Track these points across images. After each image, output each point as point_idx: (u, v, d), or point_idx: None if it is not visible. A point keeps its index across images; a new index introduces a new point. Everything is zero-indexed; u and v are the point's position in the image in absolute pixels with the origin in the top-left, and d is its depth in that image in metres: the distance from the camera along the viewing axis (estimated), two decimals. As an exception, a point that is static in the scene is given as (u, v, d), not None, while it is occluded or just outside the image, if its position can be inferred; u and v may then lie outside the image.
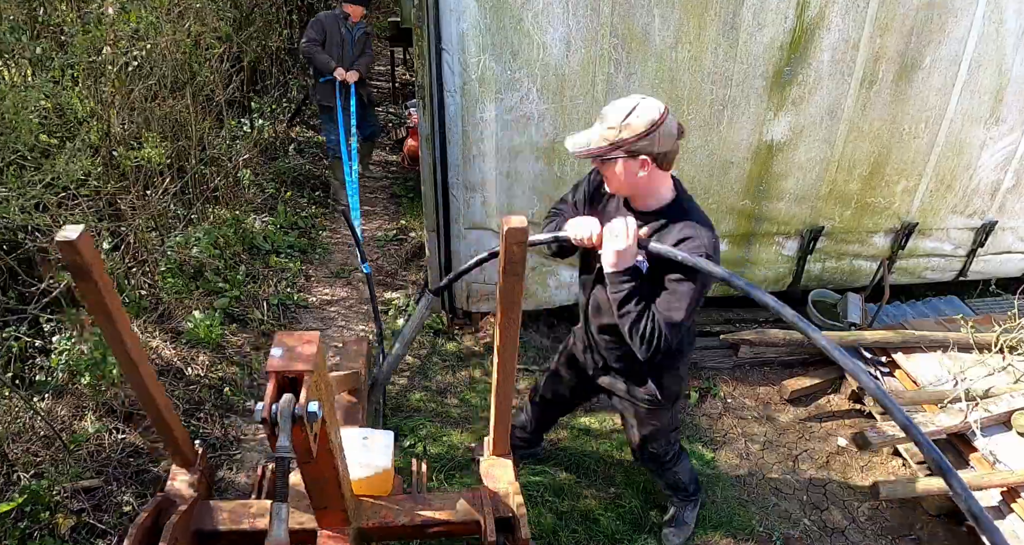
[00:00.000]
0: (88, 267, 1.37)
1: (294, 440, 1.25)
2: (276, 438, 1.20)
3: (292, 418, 1.20)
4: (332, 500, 1.64)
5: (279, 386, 1.25)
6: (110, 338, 1.54)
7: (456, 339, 3.88)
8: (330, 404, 1.44)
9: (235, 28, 5.00)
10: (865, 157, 3.62)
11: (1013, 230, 4.16)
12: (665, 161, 1.90)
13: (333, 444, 1.47)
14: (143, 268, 3.52)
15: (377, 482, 1.95)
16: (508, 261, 1.52)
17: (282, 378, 1.26)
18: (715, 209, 3.61)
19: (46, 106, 2.84)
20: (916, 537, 2.92)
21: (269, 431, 1.21)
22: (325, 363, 1.40)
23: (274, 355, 1.27)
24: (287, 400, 1.21)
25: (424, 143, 3.26)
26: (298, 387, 1.25)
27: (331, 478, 1.55)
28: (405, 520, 1.84)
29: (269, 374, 1.25)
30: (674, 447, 2.63)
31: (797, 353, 3.82)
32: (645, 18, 3.02)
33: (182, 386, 3.24)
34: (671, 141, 1.86)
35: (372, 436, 2.00)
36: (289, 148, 5.89)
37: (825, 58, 3.25)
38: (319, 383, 1.31)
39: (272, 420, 1.20)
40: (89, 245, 1.36)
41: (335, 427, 1.50)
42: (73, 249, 1.33)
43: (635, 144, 1.83)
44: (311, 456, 1.33)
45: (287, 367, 1.25)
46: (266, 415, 1.20)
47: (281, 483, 1.23)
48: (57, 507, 2.54)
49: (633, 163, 1.86)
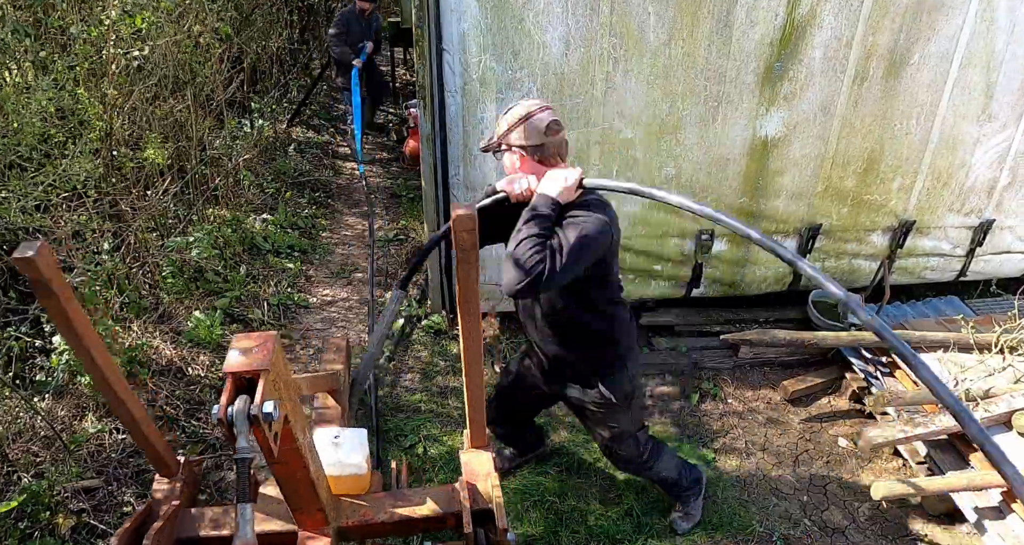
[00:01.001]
0: (47, 282, 1.36)
1: (258, 441, 1.25)
2: (235, 439, 1.20)
3: (248, 419, 1.20)
4: (307, 501, 1.64)
5: (236, 387, 1.26)
6: (76, 352, 1.53)
7: (457, 339, 3.88)
8: (294, 403, 1.44)
9: (235, 29, 5.00)
10: (859, 153, 3.63)
11: (1011, 229, 4.16)
12: (539, 154, 2.06)
13: (300, 444, 1.46)
14: (144, 268, 3.52)
15: (353, 481, 1.94)
16: (460, 249, 1.53)
17: (239, 379, 1.26)
18: (713, 207, 3.59)
19: (49, 109, 2.85)
20: (916, 537, 2.92)
21: (227, 432, 1.21)
22: (284, 363, 1.40)
23: (231, 356, 1.27)
24: (242, 401, 1.21)
25: (425, 143, 3.26)
26: (255, 387, 1.25)
27: (302, 478, 1.55)
28: (385, 517, 1.84)
29: (226, 375, 1.26)
30: (645, 446, 2.60)
31: (797, 353, 3.82)
32: (641, 15, 3.03)
33: (183, 386, 3.24)
34: (538, 135, 2.04)
35: (344, 435, 1.97)
36: (289, 148, 5.89)
37: (817, 55, 3.27)
38: (277, 382, 1.31)
39: (228, 421, 1.20)
40: (48, 261, 1.34)
41: (302, 427, 1.49)
42: (31, 265, 1.32)
43: (507, 137, 2.07)
44: (273, 456, 1.33)
45: (243, 367, 1.26)
46: (222, 416, 1.20)
47: (243, 484, 1.24)
48: (57, 507, 2.54)
49: (511, 155, 2.10)
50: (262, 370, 1.25)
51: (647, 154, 3.40)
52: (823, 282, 1.51)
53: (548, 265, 1.88)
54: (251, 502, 1.26)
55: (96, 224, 3.18)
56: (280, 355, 1.34)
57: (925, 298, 4.24)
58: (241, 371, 1.26)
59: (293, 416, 1.41)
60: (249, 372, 1.25)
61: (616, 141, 3.34)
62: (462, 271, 1.59)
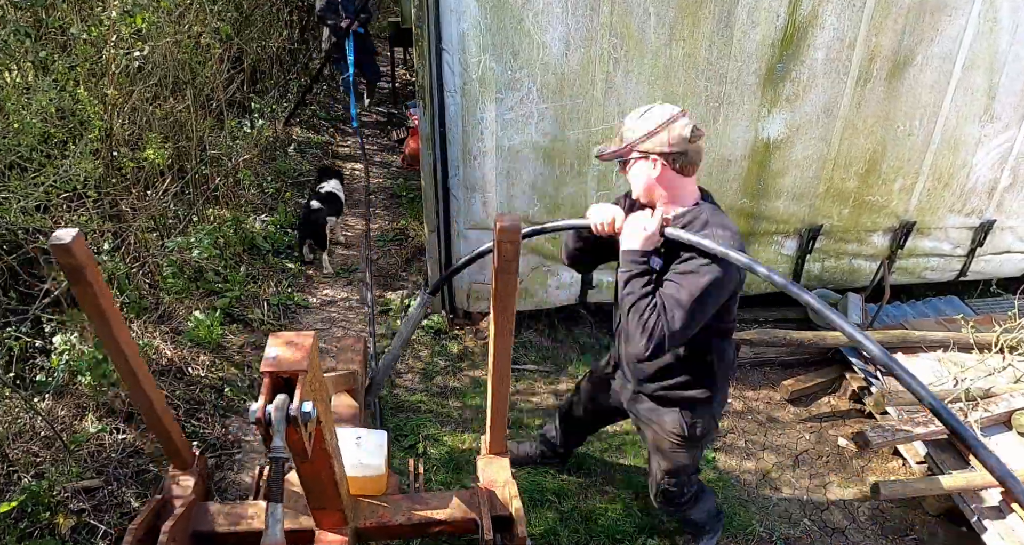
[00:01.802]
0: (82, 269, 1.37)
1: (289, 440, 1.25)
2: (271, 439, 1.20)
3: (287, 419, 1.20)
4: (329, 500, 1.65)
5: (273, 386, 1.25)
6: (106, 340, 1.54)
7: (457, 339, 3.88)
8: (325, 404, 1.44)
9: (236, 29, 5.00)
10: (861, 154, 3.63)
11: (1012, 229, 4.16)
12: (681, 162, 1.88)
13: (329, 444, 1.47)
14: (144, 268, 3.52)
15: (371, 482, 1.95)
16: (501, 259, 1.53)
17: (276, 378, 1.26)
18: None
19: (49, 110, 2.85)
20: (916, 537, 2.92)
21: (264, 432, 1.21)
22: (319, 363, 1.40)
23: (268, 355, 1.27)
24: (281, 401, 1.21)
25: (424, 143, 3.26)
26: (292, 387, 1.24)
27: (327, 478, 1.55)
28: (403, 519, 1.84)
29: (263, 374, 1.25)
30: (691, 488, 2.50)
31: (797, 353, 3.82)
32: (641, 16, 3.03)
33: (182, 386, 3.24)
34: (683, 142, 1.86)
35: (366, 436, 2.00)
36: (289, 148, 5.89)
37: (819, 56, 3.27)
38: (314, 383, 1.31)
39: (267, 421, 1.20)
40: (83, 248, 1.36)
41: (331, 427, 1.50)
42: (67, 252, 1.33)
43: (645, 143, 1.87)
44: (307, 456, 1.33)
45: (281, 367, 1.25)
46: (260, 416, 1.20)
47: (276, 484, 1.23)
48: (57, 507, 2.54)
49: (646, 163, 1.90)
50: (301, 371, 1.25)
51: (647, 154, 3.39)
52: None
53: (666, 326, 1.80)
54: (281, 502, 1.25)
55: (96, 224, 3.18)
56: (316, 356, 1.34)
57: (925, 298, 4.24)
58: (280, 371, 1.25)
59: (324, 417, 1.41)
60: (287, 372, 1.25)
61: (616, 141, 3.34)
62: (501, 282, 1.58)
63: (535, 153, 3.29)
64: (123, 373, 1.63)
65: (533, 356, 3.80)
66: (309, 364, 1.27)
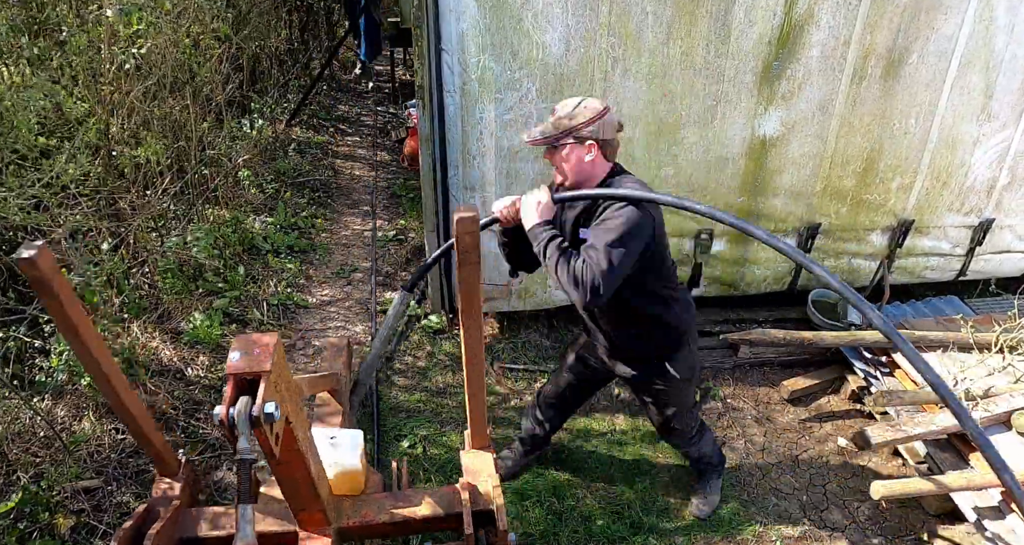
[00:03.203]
0: (49, 282, 1.37)
1: (259, 442, 1.25)
2: (236, 440, 1.20)
3: (250, 420, 1.20)
4: (308, 501, 1.65)
5: (238, 388, 1.26)
6: (77, 351, 1.54)
7: (455, 339, 3.88)
8: (295, 404, 1.44)
9: (234, 28, 5.00)
10: (858, 153, 3.63)
11: (1011, 228, 4.16)
12: (608, 148, 2.14)
13: (301, 444, 1.47)
14: (143, 268, 3.52)
15: (348, 481, 1.95)
16: (461, 250, 1.55)
17: (240, 380, 1.26)
18: (712, 206, 3.60)
19: (45, 106, 2.84)
20: (916, 537, 2.92)
21: (228, 434, 1.22)
22: (285, 364, 1.40)
23: (232, 357, 1.28)
24: (244, 402, 1.22)
25: (424, 143, 3.26)
26: (257, 388, 1.25)
27: (303, 479, 1.55)
28: (385, 518, 1.84)
29: (227, 376, 1.26)
30: (697, 420, 2.74)
31: (797, 353, 3.81)
32: (639, 15, 3.03)
33: (182, 386, 3.24)
34: (612, 130, 2.12)
35: (340, 435, 2.01)
36: (289, 148, 5.89)
37: (815, 54, 3.27)
38: (278, 383, 1.31)
39: (230, 422, 1.20)
40: (49, 261, 1.36)
41: (303, 428, 1.50)
42: (33, 266, 1.33)
43: (583, 130, 2.08)
44: (275, 457, 1.34)
45: (245, 369, 1.26)
46: (223, 417, 1.20)
47: (244, 485, 1.24)
48: (57, 507, 2.54)
49: (581, 148, 2.10)
50: (263, 371, 1.25)
51: (646, 153, 3.39)
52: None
53: (595, 271, 1.95)
54: (252, 503, 1.26)
55: (95, 223, 3.18)
56: (281, 356, 1.35)
57: (925, 298, 4.23)
58: (242, 372, 1.26)
59: (294, 417, 1.41)
60: (250, 373, 1.26)
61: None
62: (464, 272, 1.60)
63: (534, 153, 3.28)
64: (99, 384, 1.63)
65: (532, 356, 3.80)
66: (272, 365, 1.27)
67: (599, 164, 2.14)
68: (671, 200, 1.95)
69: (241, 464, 1.22)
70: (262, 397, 1.23)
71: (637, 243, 2.04)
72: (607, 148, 2.13)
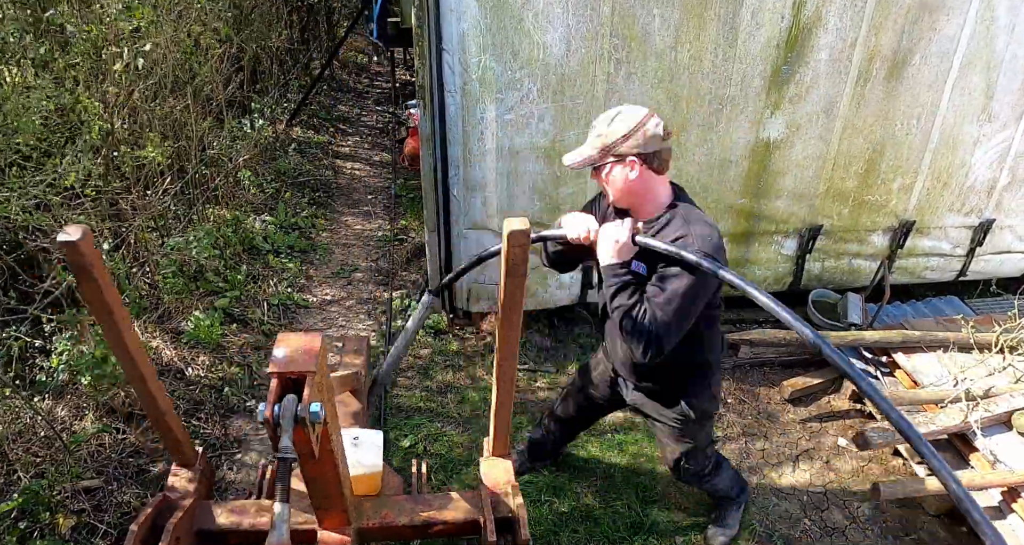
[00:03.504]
0: (89, 267, 1.38)
1: (296, 441, 1.25)
2: (278, 439, 1.20)
3: (295, 419, 1.20)
4: (333, 500, 1.65)
5: (281, 387, 1.26)
6: (111, 338, 1.55)
7: (457, 339, 3.88)
8: (331, 405, 1.45)
9: (235, 28, 5.00)
10: (860, 154, 3.63)
11: (1011, 229, 4.16)
12: (655, 162, 1.92)
13: (335, 444, 1.47)
14: (143, 268, 3.52)
15: (367, 481, 1.96)
16: (510, 263, 1.52)
17: (285, 379, 1.26)
18: (714, 208, 3.61)
19: (48, 107, 2.84)
20: (916, 537, 2.92)
21: (271, 432, 1.21)
22: (326, 364, 1.40)
23: (276, 356, 1.27)
24: (290, 401, 1.22)
25: (424, 143, 3.26)
26: (300, 388, 1.25)
27: (332, 478, 1.55)
28: (405, 520, 1.84)
29: (271, 375, 1.25)
30: (711, 460, 2.59)
31: (797, 353, 3.82)
32: (645, 18, 3.02)
33: (182, 386, 3.24)
34: (657, 140, 1.90)
35: (363, 436, 2.02)
36: (289, 148, 5.89)
37: (822, 57, 3.27)
38: (321, 384, 1.32)
39: (275, 421, 1.20)
40: (90, 245, 1.36)
41: (336, 428, 1.50)
42: (75, 250, 1.34)
43: (621, 146, 1.89)
44: (314, 457, 1.33)
45: (290, 368, 1.25)
46: (268, 416, 1.20)
47: (283, 484, 1.23)
48: (57, 507, 2.54)
49: (623, 166, 1.91)
50: (309, 372, 1.25)
51: (647, 154, 3.39)
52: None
53: (658, 329, 1.85)
54: (288, 502, 1.26)
55: (96, 223, 3.18)
56: (324, 356, 1.34)
57: (925, 298, 4.24)
58: (288, 372, 1.25)
59: (330, 417, 1.41)
60: (296, 373, 1.25)
61: (616, 141, 3.34)
62: (509, 285, 1.58)
63: (535, 153, 3.29)
64: (129, 371, 1.63)
65: (533, 355, 3.80)
66: (317, 365, 1.27)
67: (648, 180, 1.94)
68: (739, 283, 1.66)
69: (282, 463, 1.22)
70: (307, 397, 1.23)
71: (702, 296, 1.92)
72: (654, 161, 1.91)
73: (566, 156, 2.02)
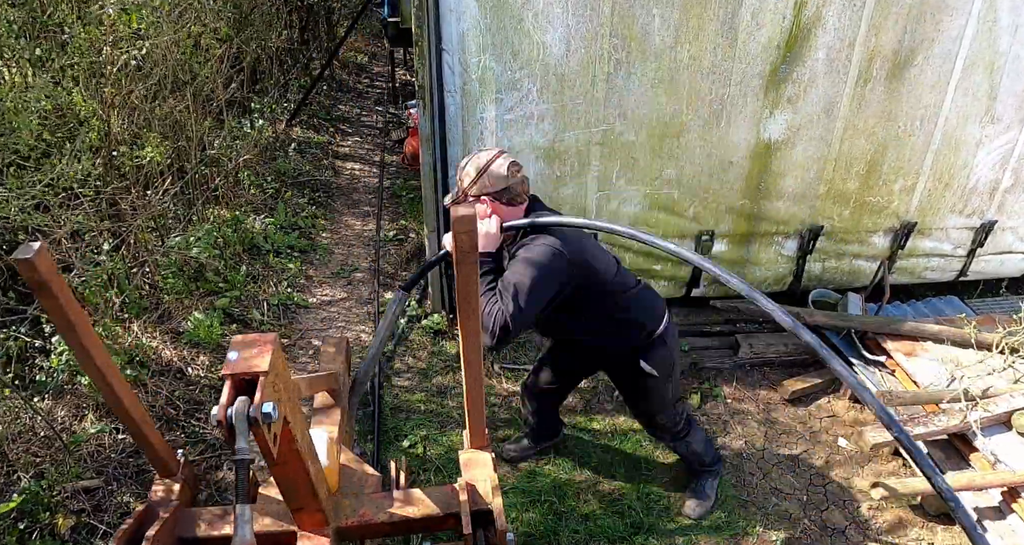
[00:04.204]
0: (48, 284, 1.37)
1: (257, 442, 1.25)
2: (234, 441, 1.20)
3: (248, 420, 1.20)
4: (306, 501, 1.65)
5: (235, 389, 1.26)
6: (76, 352, 1.54)
7: (455, 339, 3.88)
8: (293, 404, 1.44)
9: (235, 29, 5.00)
10: (862, 155, 3.62)
11: (1013, 230, 4.16)
12: (506, 196, 2.16)
13: (300, 445, 1.47)
14: (143, 268, 3.52)
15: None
16: (460, 250, 1.53)
17: (238, 380, 1.26)
18: (715, 209, 3.61)
19: (46, 107, 2.84)
20: (916, 537, 2.92)
21: (227, 434, 1.21)
22: (284, 364, 1.40)
23: (230, 358, 1.27)
24: (242, 402, 1.22)
25: (424, 143, 3.26)
26: (255, 389, 1.25)
27: (301, 479, 1.55)
28: (384, 518, 1.84)
29: (225, 377, 1.25)
30: (682, 417, 2.76)
31: (797, 353, 3.82)
32: (645, 18, 3.02)
33: (182, 386, 3.24)
34: (503, 180, 2.13)
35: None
36: (289, 148, 5.89)
37: (820, 56, 3.27)
38: (276, 384, 1.31)
39: (228, 423, 1.20)
40: (47, 262, 1.35)
41: (301, 428, 1.50)
42: (31, 267, 1.32)
43: (472, 188, 2.16)
44: (273, 458, 1.33)
45: (243, 369, 1.26)
46: (222, 418, 1.20)
47: (241, 485, 1.24)
48: (57, 507, 2.54)
49: (479, 204, 2.17)
50: (261, 372, 1.25)
51: (648, 156, 3.39)
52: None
53: (504, 315, 2.02)
54: (249, 503, 1.26)
55: (95, 224, 3.18)
56: (279, 356, 1.34)
57: (925, 298, 4.24)
58: (240, 373, 1.25)
59: (292, 417, 1.41)
60: (248, 374, 1.25)
61: (617, 142, 3.34)
62: (462, 272, 1.59)
63: (535, 153, 3.28)
64: (99, 385, 1.62)
65: (533, 355, 3.80)
66: (271, 365, 1.27)
67: (505, 214, 2.18)
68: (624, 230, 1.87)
69: (239, 464, 1.22)
70: (260, 397, 1.22)
71: (550, 279, 2.09)
72: (504, 196, 2.16)
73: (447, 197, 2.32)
